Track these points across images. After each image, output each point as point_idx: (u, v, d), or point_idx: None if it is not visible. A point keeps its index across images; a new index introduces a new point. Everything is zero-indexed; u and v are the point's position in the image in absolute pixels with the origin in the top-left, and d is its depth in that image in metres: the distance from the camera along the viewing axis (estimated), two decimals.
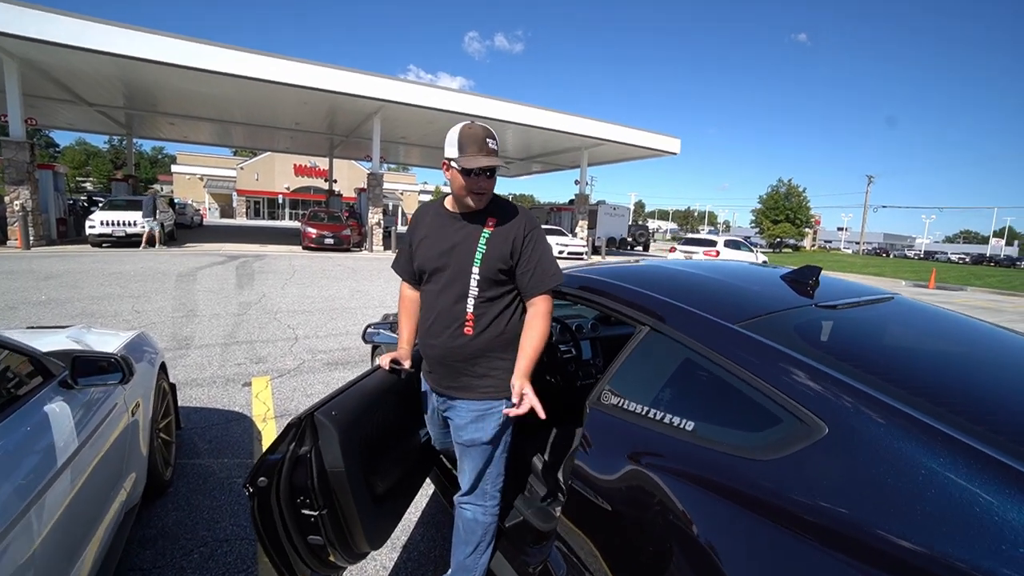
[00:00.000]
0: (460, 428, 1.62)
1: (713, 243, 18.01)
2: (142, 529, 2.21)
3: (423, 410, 1.83)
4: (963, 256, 67.16)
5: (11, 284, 7.74)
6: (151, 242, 14.41)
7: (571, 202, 25.83)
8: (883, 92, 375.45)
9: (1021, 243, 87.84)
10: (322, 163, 40.67)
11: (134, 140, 26.03)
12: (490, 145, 1.48)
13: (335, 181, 30.14)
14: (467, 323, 1.54)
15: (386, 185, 23.54)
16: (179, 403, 3.57)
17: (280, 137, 25.88)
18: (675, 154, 22.85)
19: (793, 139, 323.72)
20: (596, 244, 23.28)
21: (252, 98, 16.47)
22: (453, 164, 1.49)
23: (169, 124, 22.29)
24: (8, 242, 13.01)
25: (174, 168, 50.09)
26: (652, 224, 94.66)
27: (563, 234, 21.95)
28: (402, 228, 41.28)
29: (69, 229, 15.65)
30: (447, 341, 1.57)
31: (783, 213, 49.35)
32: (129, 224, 13.99)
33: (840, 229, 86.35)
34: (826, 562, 0.86)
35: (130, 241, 14.09)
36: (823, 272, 1.75)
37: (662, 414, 1.27)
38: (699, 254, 17.27)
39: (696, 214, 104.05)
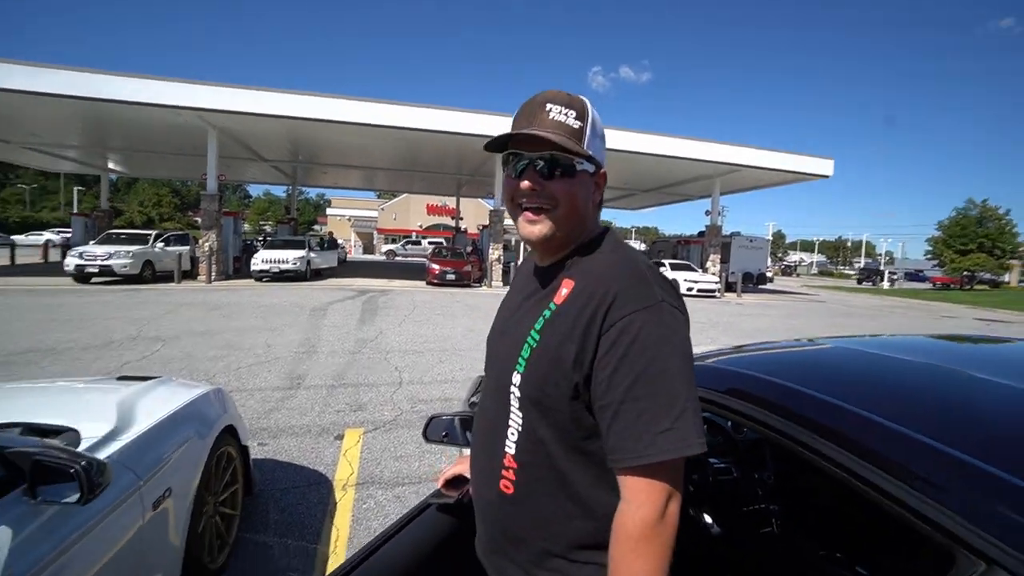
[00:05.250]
0: None
1: None
2: None
3: None
4: None
5: (185, 315, 8.93)
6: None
7: (701, 234, 23.78)
8: None
9: None
10: (451, 202, 43.61)
11: (300, 188, 30.42)
12: (551, 115, 0.77)
13: (462, 218, 31.79)
14: (504, 472, 0.81)
15: (507, 221, 24.01)
16: (272, 455, 3.41)
17: (416, 179, 28.19)
18: (827, 177, 19.89)
19: (982, 151, 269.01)
20: (730, 280, 20.93)
21: (395, 144, 18.03)
22: None
23: (323, 173, 25.57)
24: (198, 277, 15.55)
25: (329, 211, 58.19)
26: (795, 256, 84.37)
27: (692, 269, 20.14)
28: None
29: (243, 265, 18.37)
30: (482, 490, 0.89)
31: (975, 241, 40.19)
32: (283, 261, 15.88)
33: None
34: None
35: (284, 276, 15.95)
36: None
37: None
38: None
39: (850, 244, 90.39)
